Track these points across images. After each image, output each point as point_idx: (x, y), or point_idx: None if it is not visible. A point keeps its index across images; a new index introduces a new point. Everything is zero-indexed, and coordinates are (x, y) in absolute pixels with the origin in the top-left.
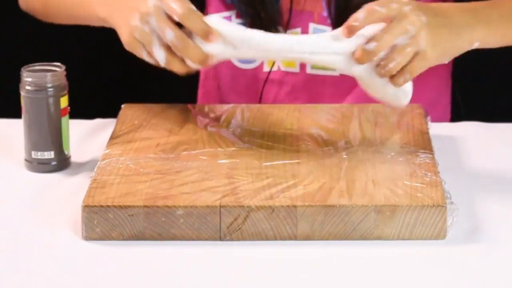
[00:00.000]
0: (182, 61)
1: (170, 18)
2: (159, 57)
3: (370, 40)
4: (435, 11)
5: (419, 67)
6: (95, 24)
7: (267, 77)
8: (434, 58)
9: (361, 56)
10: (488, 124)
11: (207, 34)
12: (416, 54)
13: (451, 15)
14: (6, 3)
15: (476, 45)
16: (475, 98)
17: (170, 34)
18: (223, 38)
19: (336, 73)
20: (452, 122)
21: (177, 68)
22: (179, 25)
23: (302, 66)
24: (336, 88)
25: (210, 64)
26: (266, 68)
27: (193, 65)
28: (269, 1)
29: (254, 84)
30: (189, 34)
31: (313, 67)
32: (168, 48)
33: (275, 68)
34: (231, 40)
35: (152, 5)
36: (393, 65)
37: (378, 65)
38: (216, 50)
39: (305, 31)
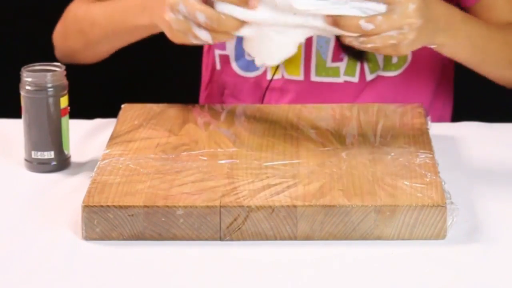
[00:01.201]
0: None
1: None
2: (205, 38)
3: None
4: (432, 15)
5: (386, 53)
6: (140, 36)
7: (268, 85)
8: (403, 52)
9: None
10: (488, 124)
11: (246, 1)
12: (391, 45)
13: (441, 19)
14: (6, 3)
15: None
16: (475, 98)
17: (201, 16)
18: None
19: (340, 80)
20: (452, 122)
21: (227, 39)
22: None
23: (306, 73)
24: (341, 95)
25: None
26: (269, 76)
27: (235, 34)
28: None
29: (257, 92)
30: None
31: (317, 74)
32: (208, 27)
33: (278, 76)
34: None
35: None
36: (370, 46)
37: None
38: (260, 17)
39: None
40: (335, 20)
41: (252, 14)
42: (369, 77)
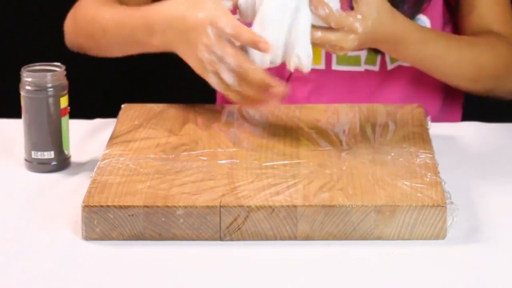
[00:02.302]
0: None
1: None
2: (229, 80)
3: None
4: (384, 36)
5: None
6: (150, 51)
7: (289, 76)
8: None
9: None
10: (488, 124)
11: (256, 43)
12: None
13: (397, 37)
14: (6, 3)
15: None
16: (475, 98)
17: (232, 61)
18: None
19: (361, 69)
20: (452, 122)
21: (247, 93)
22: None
23: (328, 62)
24: (362, 84)
25: (272, 101)
26: None
27: (255, 94)
28: None
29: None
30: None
31: (338, 63)
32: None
33: None
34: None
35: (213, 35)
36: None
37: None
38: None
39: None
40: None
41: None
42: (390, 66)
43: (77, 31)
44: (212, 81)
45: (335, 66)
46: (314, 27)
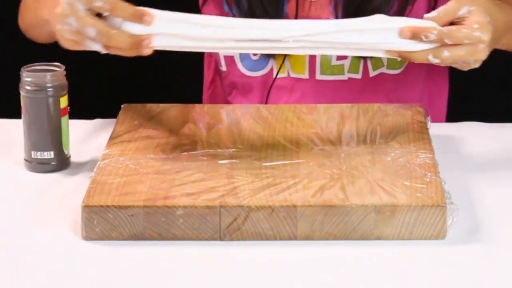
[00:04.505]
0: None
1: (90, 10)
2: (97, 49)
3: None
4: (494, 31)
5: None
6: (49, 31)
7: (272, 83)
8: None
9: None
10: (488, 124)
11: (140, 15)
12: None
13: (501, 27)
14: (6, 3)
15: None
16: (475, 98)
17: (92, 31)
18: (163, 20)
19: (345, 78)
20: (452, 122)
21: (120, 53)
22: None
23: (311, 72)
24: (345, 92)
25: (146, 49)
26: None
27: (128, 52)
28: (273, 10)
29: (265, 91)
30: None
31: (322, 72)
32: (98, 41)
33: (284, 74)
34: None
35: (66, 4)
36: (443, 65)
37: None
38: (155, 30)
39: None
40: (402, 54)
41: (149, 29)
42: (372, 73)
43: (19, 11)
44: (84, 48)
45: (319, 76)
46: (439, 47)
